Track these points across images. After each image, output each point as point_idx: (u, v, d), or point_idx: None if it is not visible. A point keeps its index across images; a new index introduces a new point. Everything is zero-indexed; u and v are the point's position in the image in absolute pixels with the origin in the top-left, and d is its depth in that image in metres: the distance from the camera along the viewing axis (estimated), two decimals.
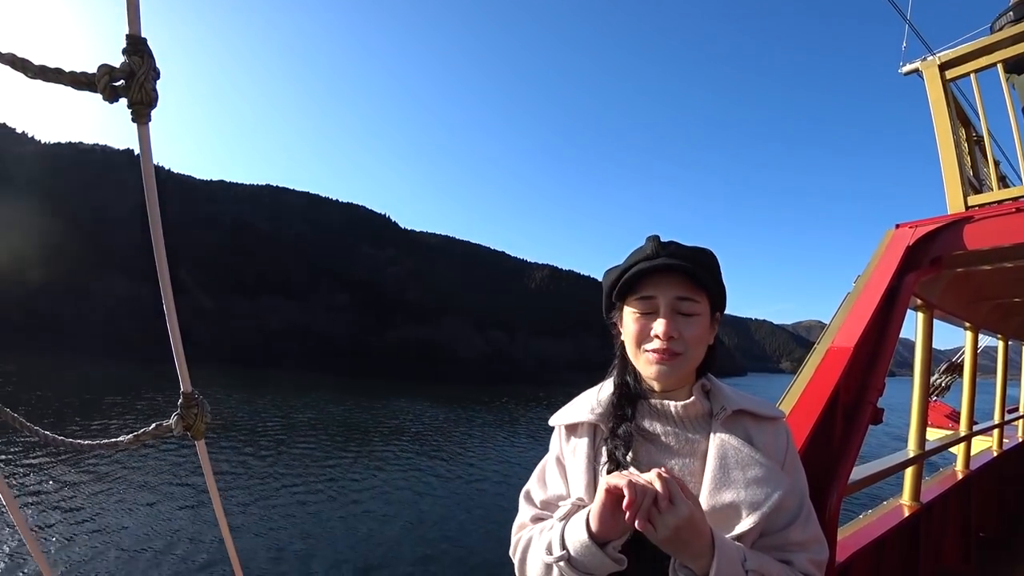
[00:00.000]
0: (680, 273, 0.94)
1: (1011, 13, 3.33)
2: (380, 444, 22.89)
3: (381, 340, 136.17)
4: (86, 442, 0.63)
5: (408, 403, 42.67)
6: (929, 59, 3.03)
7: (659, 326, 0.93)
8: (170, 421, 0.68)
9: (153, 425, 0.67)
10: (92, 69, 0.56)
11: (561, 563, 0.85)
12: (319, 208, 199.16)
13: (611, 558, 0.82)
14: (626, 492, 0.76)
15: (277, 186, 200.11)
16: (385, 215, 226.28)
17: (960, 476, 4.25)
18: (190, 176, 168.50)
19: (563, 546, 0.85)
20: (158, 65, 0.58)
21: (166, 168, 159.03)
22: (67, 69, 0.54)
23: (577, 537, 0.83)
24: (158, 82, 0.59)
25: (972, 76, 2.89)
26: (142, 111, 0.57)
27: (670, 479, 0.78)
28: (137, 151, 0.61)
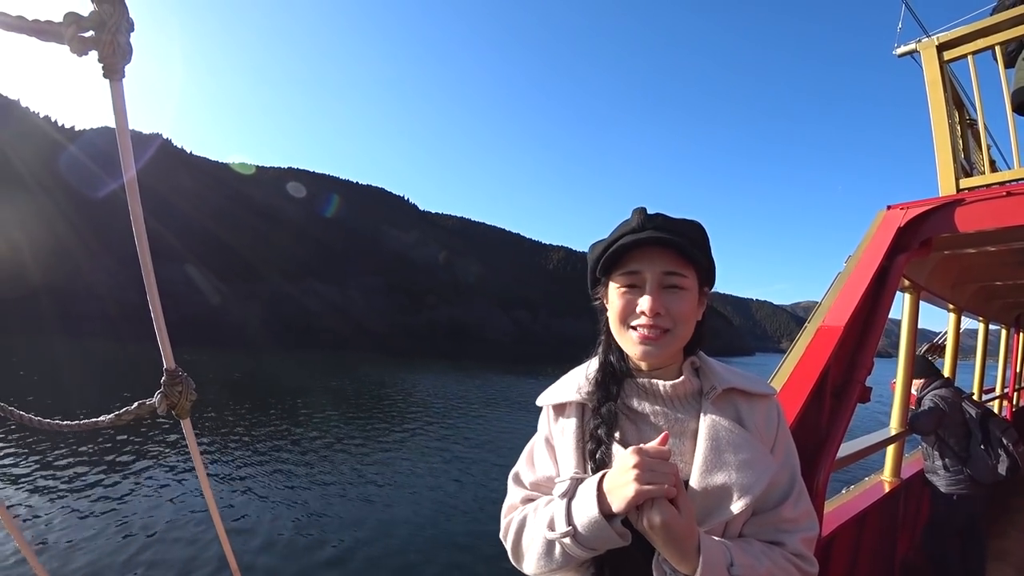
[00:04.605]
0: (667, 247, 0.87)
1: None
2: (416, 422, 21.66)
3: (416, 320, 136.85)
4: (65, 423, 0.60)
5: (442, 381, 41.57)
6: (927, 39, 2.88)
7: (645, 302, 0.87)
8: (153, 400, 0.64)
9: (135, 404, 0.63)
10: (58, 18, 0.50)
11: (566, 539, 0.80)
12: (342, 190, 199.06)
13: (617, 532, 0.77)
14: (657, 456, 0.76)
15: (298, 168, 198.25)
16: (404, 197, 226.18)
17: None
18: (205, 157, 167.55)
19: (569, 521, 0.81)
20: (132, 16, 0.53)
21: (187, 150, 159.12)
22: (30, 17, 0.49)
23: (587, 512, 0.79)
24: (132, 34, 0.53)
25: (970, 58, 2.74)
26: (113, 65, 0.52)
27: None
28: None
